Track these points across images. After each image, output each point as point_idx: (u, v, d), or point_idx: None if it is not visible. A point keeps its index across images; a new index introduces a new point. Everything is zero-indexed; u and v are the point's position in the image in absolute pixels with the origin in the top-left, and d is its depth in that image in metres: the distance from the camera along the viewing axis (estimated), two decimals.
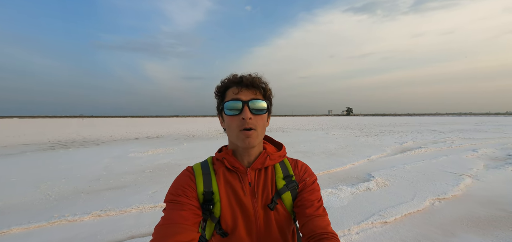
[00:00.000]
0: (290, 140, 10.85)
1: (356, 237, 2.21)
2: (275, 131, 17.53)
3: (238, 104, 0.62)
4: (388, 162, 5.79)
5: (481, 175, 4.39)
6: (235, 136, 0.63)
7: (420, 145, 8.63)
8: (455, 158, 6.00)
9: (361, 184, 3.87)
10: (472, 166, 5.12)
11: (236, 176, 0.66)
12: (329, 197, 3.32)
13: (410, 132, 14.11)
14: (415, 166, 5.22)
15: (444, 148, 7.84)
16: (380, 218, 2.54)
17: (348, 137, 11.96)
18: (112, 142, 10.76)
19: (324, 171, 4.98)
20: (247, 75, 0.65)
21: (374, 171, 4.80)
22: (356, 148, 8.20)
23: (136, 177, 4.59)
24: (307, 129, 19.35)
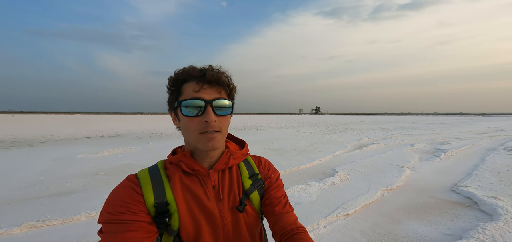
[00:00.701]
0: (264, 138, 11.04)
1: (324, 231, 2.39)
2: (249, 129, 17.62)
3: (199, 104, 0.53)
4: (349, 157, 6.36)
5: (416, 167, 5.13)
6: (195, 139, 0.55)
7: (373, 141, 9.69)
8: (398, 153, 6.87)
9: (327, 179, 4.16)
10: (410, 159, 5.92)
11: (196, 180, 0.57)
12: (299, 193, 3.49)
13: (366, 130, 15.68)
14: (369, 160, 5.84)
15: (390, 144, 8.93)
16: (343, 211, 2.79)
17: (316, 135, 12.71)
18: (53, 142, 8.94)
19: (295, 168, 5.23)
20: (211, 69, 0.55)
21: (338, 166, 5.22)
22: (323, 144, 8.79)
23: (87, 181, 4.01)
24: (280, 127, 19.92)
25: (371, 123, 27.22)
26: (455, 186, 3.77)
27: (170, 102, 0.59)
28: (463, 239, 1.88)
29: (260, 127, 19.86)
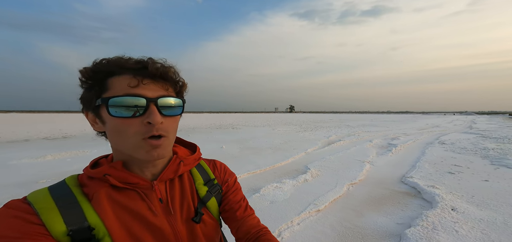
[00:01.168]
0: (240, 137, 11.01)
1: (297, 228, 2.49)
2: (225, 128, 17.36)
3: (138, 103, 0.42)
4: (319, 154, 6.74)
5: (374, 161, 5.70)
6: (133, 146, 0.44)
7: (340, 138, 10.45)
8: (360, 148, 7.54)
9: (300, 176, 4.34)
10: (369, 154, 6.54)
11: (135, 195, 0.47)
12: (275, 192, 3.56)
13: (334, 127, 16.82)
14: (337, 156, 6.28)
15: (354, 140, 9.76)
16: (315, 207, 2.94)
17: (290, 133, 13.16)
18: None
19: (271, 166, 5.33)
20: (153, 62, 0.45)
21: (310, 163, 5.49)
22: (296, 142, 9.14)
23: (26, 190, 3.44)
24: (256, 125, 20.08)
25: (338, 120, 29.32)
26: (403, 177, 4.28)
27: (87, 100, 0.45)
28: (411, 227, 2.16)
29: (236, 125, 19.73)
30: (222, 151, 7.35)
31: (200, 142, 9.44)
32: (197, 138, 10.64)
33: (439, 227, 2.11)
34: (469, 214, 2.45)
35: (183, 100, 0.50)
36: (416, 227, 2.11)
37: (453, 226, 2.14)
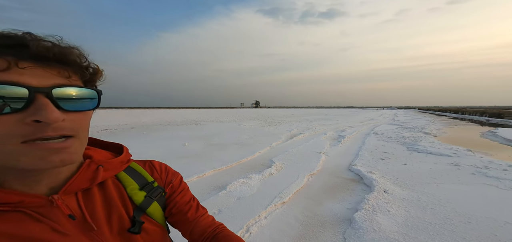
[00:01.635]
0: (204, 133, 10.61)
1: (264, 222, 2.57)
2: (188, 124, 16.42)
3: (12, 93, 0.30)
4: (283, 148, 7.09)
5: (328, 152, 6.36)
6: (5, 153, 0.31)
7: (301, 131, 11.24)
8: (317, 141, 8.30)
9: (266, 170, 4.48)
10: (324, 145, 7.24)
11: (23, 218, 0.34)
12: (242, 187, 3.56)
13: (295, 122, 17.94)
14: (298, 149, 6.74)
15: (312, 133, 10.66)
16: (280, 200, 3.09)
17: (256, 128, 13.38)
18: None
19: (237, 161, 5.33)
20: (34, 38, 0.32)
21: (274, 157, 5.72)
22: (262, 137, 9.37)
23: None
24: (222, 121, 19.66)
25: (299, 115, 31.42)
26: (350, 165, 4.92)
27: None
28: (358, 210, 2.52)
29: (200, 121, 18.89)
30: (185, 148, 6.91)
31: (157, 140, 8.67)
32: (153, 137, 9.68)
33: (376, 209, 2.53)
34: (396, 194, 3.02)
35: (98, 91, 0.39)
36: (361, 210, 2.47)
37: (385, 206, 2.60)
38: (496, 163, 4.56)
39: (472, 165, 4.45)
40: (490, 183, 3.35)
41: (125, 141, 8.39)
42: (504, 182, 3.37)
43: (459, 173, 3.95)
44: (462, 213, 2.33)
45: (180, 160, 5.41)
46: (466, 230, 1.98)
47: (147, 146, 7.57)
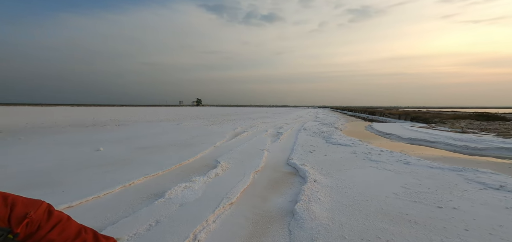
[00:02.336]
0: (127, 135, 8.98)
1: (213, 226, 2.44)
2: (103, 125, 13.40)
3: None
4: (228, 147, 7.02)
5: (270, 148, 6.87)
6: None
7: (244, 129, 11.54)
8: (260, 138, 8.80)
9: (211, 171, 4.28)
10: (266, 142, 7.78)
11: None
12: (184, 192, 3.26)
13: (239, 120, 18.25)
14: (243, 147, 6.88)
15: (255, 131, 11.19)
16: (228, 200, 3.01)
17: (198, 127, 12.56)
18: None
19: (177, 164, 4.83)
20: None
21: (220, 156, 5.56)
22: (205, 136, 8.90)
23: None
24: (159, 120, 17.25)
25: (243, 113, 32.25)
26: (288, 160, 5.49)
27: None
28: (297, 202, 2.85)
29: (123, 121, 15.80)
30: (99, 154, 5.57)
31: (49, 145, 6.56)
32: (40, 142, 7.28)
33: (311, 198, 2.96)
34: (322, 183, 3.67)
35: None
36: (300, 202, 2.82)
37: (317, 195, 3.10)
38: (375, 149, 6.33)
39: (363, 152, 5.98)
40: (374, 166, 4.67)
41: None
42: (381, 164, 4.79)
43: (356, 159, 5.24)
44: (362, 193, 3.14)
45: (93, 170, 4.26)
46: (367, 207, 2.68)
47: (27, 156, 5.49)
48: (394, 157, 5.23)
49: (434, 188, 3.24)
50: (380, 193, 3.12)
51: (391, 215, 2.47)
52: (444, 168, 4.28)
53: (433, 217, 2.41)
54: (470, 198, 2.87)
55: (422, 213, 2.51)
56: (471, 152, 6.54)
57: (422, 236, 2.03)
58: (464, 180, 3.59)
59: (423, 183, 3.51)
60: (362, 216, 2.47)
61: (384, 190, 3.20)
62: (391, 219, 2.39)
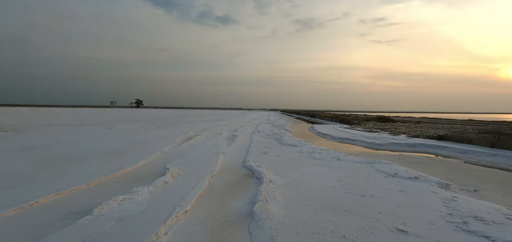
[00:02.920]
0: (31, 143, 6.90)
1: (165, 238, 2.16)
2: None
3: None
4: (178, 152, 6.38)
5: (225, 151, 6.71)
6: None
7: (197, 133, 10.83)
8: (214, 141, 8.47)
9: (158, 179, 3.80)
10: (221, 145, 7.54)
11: None
12: (122, 206, 2.76)
13: (191, 123, 16.99)
14: (196, 151, 6.44)
15: (208, 134, 10.71)
16: (182, 209, 2.73)
17: (139, 131, 10.90)
18: None
19: (111, 175, 4.04)
20: None
21: (169, 163, 4.99)
22: (148, 141, 7.80)
23: None
24: (73, 124, 13.79)
25: (196, 116, 30.25)
26: (244, 162, 5.52)
27: None
28: (255, 203, 2.90)
29: (22, 126, 11.97)
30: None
31: None
32: None
33: (268, 198, 3.09)
34: (277, 182, 3.90)
35: None
36: (258, 203, 2.88)
37: (273, 195, 3.26)
38: (316, 148, 7.25)
39: (308, 151, 6.72)
40: (316, 163, 5.37)
41: None
42: (321, 161, 5.54)
43: (303, 158, 5.86)
44: (310, 189, 3.55)
45: None
46: (314, 202, 3.04)
47: None
48: (330, 155, 6.16)
49: (357, 179, 4.02)
50: (322, 187, 3.61)
51: (332, 207, 2.89)
52: (362, 162, 5.38)
53: (360, 204, 2.97)
54: (379, 186, 3.71)
55: (352, 202, 3.05)
56: (377, 147, 8.46)
57: (355, 222, 2.47)
58: (374, 171, 4.62)
59: (350, 175, 4.29)
60: (311, 210, 2.77)
61: (325, 185, 3.72)
62: (332, 210, 2.80)
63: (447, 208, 2.82)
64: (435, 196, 3.20)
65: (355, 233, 2.23)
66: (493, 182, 4.34)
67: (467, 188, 3.69)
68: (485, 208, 2.80)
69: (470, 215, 2.59)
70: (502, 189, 3.89)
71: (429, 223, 2.41)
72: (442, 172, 4.91)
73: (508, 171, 5.15)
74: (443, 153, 7.07)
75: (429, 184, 3.75)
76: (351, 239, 2.14)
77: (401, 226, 2.35)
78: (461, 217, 2.54)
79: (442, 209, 2.78)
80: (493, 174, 4.96)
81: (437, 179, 4.01)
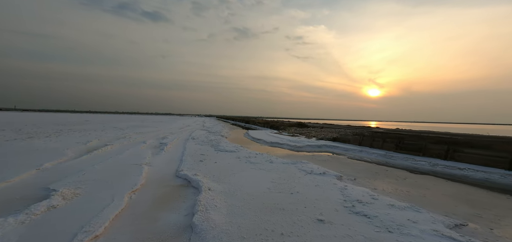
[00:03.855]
0: None
1: None
2: None
3: None
4: (73, 167, 4.72)
5: (152, 162, 5.68)
6: None
7: (106, 142, 8.47)
8: (134, 151, 6.97)
9: (37, 205, 2.65)
10: (145, 155, 6.33)
11: None
12: None
13: (94, 130, 13.09)
14: (106, 164, 5.02)
15: (125, 143, 8.66)
16: (88, 235, 2.00)
17: None
18: None
19: None
20: None
21: (55, 182, 3.59)
22: (10, 156, 5.23)
23: None
24: None
25: (100, 122, 23.56)
26: (177, 172, 4.90)
27: None
28: (195, 214, 2.59)
29: None
30: None
31: None
32: None
33: (208, 207, 2.86)
34: (216, 190, 3.71)
35: None
36: (197, 213, 2.60)
37: (213, 202, 3.06)
38: (252, 153, 7.62)
39: (245, 156, 6.95)
40: (253, 167, 5.62)
41: None
42: (257, 165, 5.86)
43: (241, 163, 5.97)
44: (249, 193, 3.65)
45: None
46: (254, 204, 3.14)
47: None
48: (264, 158, 6.62)
49: (287, 179, 4.56)
50: (260, 190, 3.80)
51: (269, 207, 3.09)
52: (289, 163, 6.18)
53: (290, 202, 3.35)
54: (302, 183, 4.37)
55: (285, 200, 3.40)
56: (298, 149, 9.92)
57: (289, 219, 2.74)
58: (298, 170, 5.43)
59: (281, 176, 4.80)
60: (252, 213, 2.83)
61: (262, 187, 3.95)
62: (270, 210, 2.99)
63: (343, 195, 3.62)
64: (335, 187, 4.10)
65: (290, 229, 2.45)
66: (362, 171, 6.17)
67: (351, 178, 5.06)
68: (361, 192, 3.83)
69: (355, 199, 3.43)
70: (367, 176, 5.57)
71: (335, 210, 2.99)
72: (337, 166, 6.49)
73: (367, 162, 7.53)
74: (337, 151, 9.28)
75: (331, 177, 4.82)
76: (287, 235, 2.33)
77: (320, 216, 2.80)
78: (351, 202, 3.31)
79: (340, 197, 3.54)
80: (361, 165, 7.05)
81: (335, 172, 5.23)
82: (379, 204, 3.19)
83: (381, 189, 4.16)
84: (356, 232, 2.32)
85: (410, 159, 7.12)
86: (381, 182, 4.69)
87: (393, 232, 2.33)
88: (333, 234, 2.28)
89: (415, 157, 7.25)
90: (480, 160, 6.10)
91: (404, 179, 4.98)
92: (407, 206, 3.09)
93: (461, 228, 2.59)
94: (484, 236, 2.45)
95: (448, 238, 2.25)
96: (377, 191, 4.01)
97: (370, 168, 6.23)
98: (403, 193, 4.00)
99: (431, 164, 6.34)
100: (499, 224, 2.81)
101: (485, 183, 4.99)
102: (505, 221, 2.92)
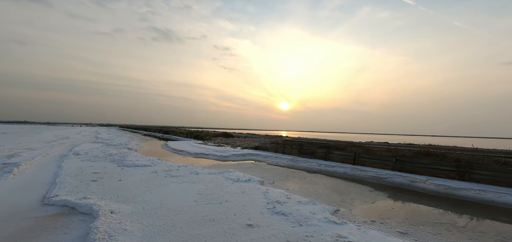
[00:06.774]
0: None
1: None
2: None
3: None
4: None
5: None
6: None
7: None
8: None
9: None
10: None
11: None
12: None
13: None
14: None
15: None
16: None
17: None
18: None
19: None
20: None
21: None
22: None
23: None
24: None
25: None
26: (46, 198, 3.38)
27: None
28: None
29: None
30: None
31: None
32: None
33: (112, 232, 2.12)
34: (124, 211, 2.86)
35: None
36: None
37: (120, 226, 2.32)
38: (173, 166, 6.80)
39: (164, 169, 6.08)
40: (175, 181, 4.95)
41: None
42: (180, 178, 5.24)
43: (159, 178, 5.13)
44: (172, 209, 3.13)
45: None
46: (179, 220, 2.72)
47: None
48: (188, 170, 6.06)
49: (214, 189, 4.41)
50: (185, 203, 3.39)
51: (198, 220, 2.82)
52: (216, 173, 6.04)
53: (219, 211, 3.25)
54: (230, 191, 4.39)
55: (213, 211, 3.24)
56: (224, 159, 9.99)
57: (220, 229, 2.63)
58: (225, 179, 5.42)
59: (208, 186, 4.56)
60: (177, 230, 2.44)
61: (187, 200, 3.54)
62: (198, 223, 2.73)
63: (266, 198, 4.01)
64: (259, 191, 4.49)
65: (221, 239, 2.36)
66: (278, 174, 7.18)
67: (270, 181, 5.75)
68: (279, 194, 4.44)
69: (275, 200, 3.91)
70: (281, 178, 6.51)
71: (260, 214, 3.21)
72: (259, 172, 7.15)
73: (281, 166, 8.76)
74: (258, 159, 10.19)
75: (255, 183, 5.23)
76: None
77: (248, 221, 2.90)
78: (272, 203, 3.73)
79: (263, 200, 3.88)
80: (277, 169, 8.19)
81: (258, 178, 5.74)
82: (291, 202, 3.76)
83: (292, 189, 5.01)
84: (278, 230, 2.60)
85: (307, 161, 8.97)
86: (291, 183, 5.65)
87: (303, 225, 2.77)
88: (261, 236, 2.42)
89: (309, 160, 9.24)
90: (340, 158, 8.68)
91: (305, 178, 6.30)
92: (308, 201, 3.84)
93: (337, 213, 3.49)
94: (348, 216, 3.49)
95: (332, 223, 2.91)
96: (289, 190, 4.77)
97: (283, 171, 7.33)
98: (305, 189, 5.03)
99: (318, 164, 8.34)
100: (353, 205, 4.20)
101: (343, 175, 7.07)
102: (355, 202, 4.43)
